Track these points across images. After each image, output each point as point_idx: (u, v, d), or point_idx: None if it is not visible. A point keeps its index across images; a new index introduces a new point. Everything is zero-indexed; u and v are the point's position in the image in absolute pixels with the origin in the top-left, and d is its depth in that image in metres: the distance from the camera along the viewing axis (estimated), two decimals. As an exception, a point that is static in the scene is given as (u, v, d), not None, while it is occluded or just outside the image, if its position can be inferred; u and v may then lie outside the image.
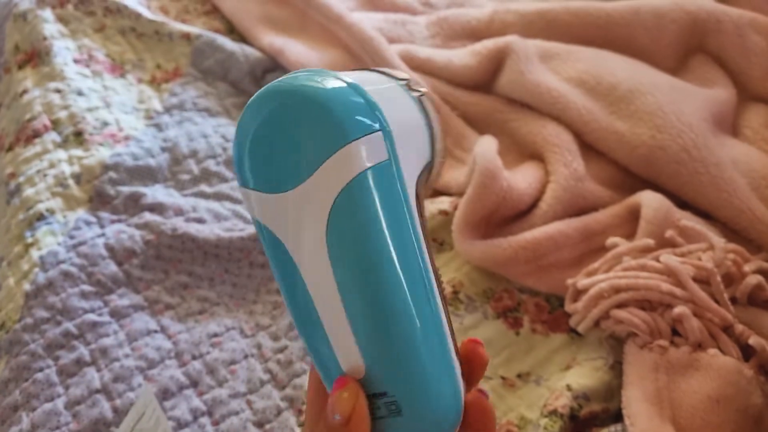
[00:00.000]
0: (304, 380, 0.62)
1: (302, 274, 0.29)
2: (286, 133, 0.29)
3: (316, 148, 0.28)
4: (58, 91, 0.89)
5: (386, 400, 0.29)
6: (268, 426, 0.59)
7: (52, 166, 0.81)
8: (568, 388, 0.55)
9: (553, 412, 0.53)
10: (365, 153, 0.28)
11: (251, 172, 0.29)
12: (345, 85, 0.29)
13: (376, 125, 0.28)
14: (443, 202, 0.71)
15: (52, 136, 0.85)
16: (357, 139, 0.28)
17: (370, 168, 0.28)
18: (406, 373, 0.29)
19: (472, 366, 0.32)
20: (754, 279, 0.56)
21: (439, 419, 0.29)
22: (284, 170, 0.29)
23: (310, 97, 0.28)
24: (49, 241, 0.73)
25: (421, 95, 0.32)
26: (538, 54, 0.78)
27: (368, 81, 0.31)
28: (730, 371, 0.50)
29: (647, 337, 0.53)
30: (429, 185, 0.33)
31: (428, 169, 0.32)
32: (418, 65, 0.83)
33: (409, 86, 0.32)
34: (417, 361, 0.29)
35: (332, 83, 0.29)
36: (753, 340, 0.52)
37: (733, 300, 0.56)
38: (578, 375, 0.56)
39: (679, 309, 0.53)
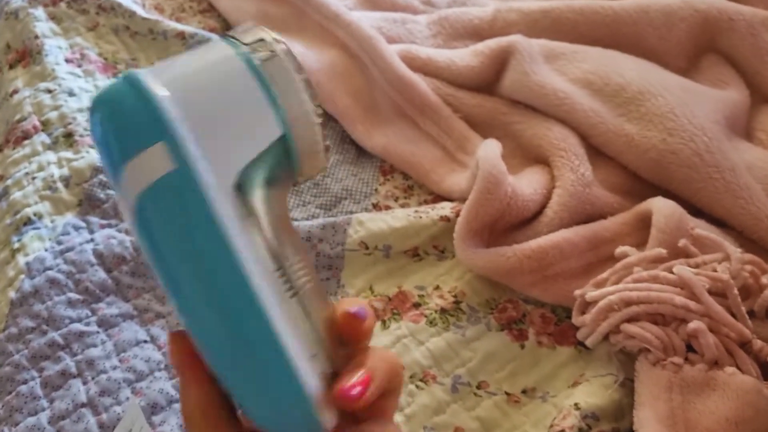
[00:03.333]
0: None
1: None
2: (99, 145, 0.27)
3: (111, 165, 0.27)
4: (49, 91, 0.87)
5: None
6: (261, 442, 0.57)
7: (40, 168, 0.79)
8: (576, 407, 0.52)
9: (561, 433, 0.50)
10: (144, 168, 0.26)
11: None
12: (127, 85, 0.26)
13: (155, 136, 0.25)
14: (444, 208, 0.69)
15: (42, 138, 0.82)
16: (131, 158, 0.26)
17: (151, 184, 0.26)
18: (223, 370, 0.28)
19: (352, 340, 0.31)
20: (772, 291, 0.53)
21: (273, 421, 0.28)
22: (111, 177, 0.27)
23: (98, 109, 0.27)
24: (36, 246, 0.71)
25: (267, 59, 0.27)
26: (542, 54, 0.76)
27: (186, 64, 0.28)
28: (749, 391, 0.48)
29: (660, 353, 0.51)
30: (309, 161, 0.29)
31: (286, 145, 0.28)
32: (419, 66, 0.80)
33: (254, 50, 0.28)
34: (228, 360, 0.27)
35: (123, 87, 0.26)
36: (772, 357, 0.50)
37: (751, 314, 0.53)
38: (587, 393, 0.53)
39: (695, 324, 0.50)
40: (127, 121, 0.26)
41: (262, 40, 0.28)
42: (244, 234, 0.26)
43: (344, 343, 0.30)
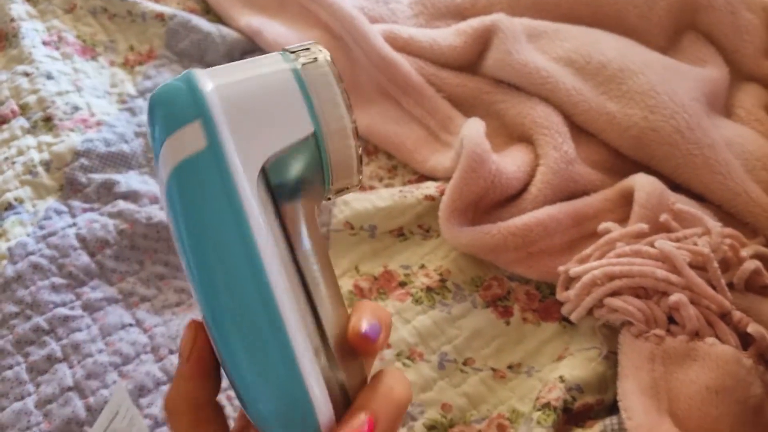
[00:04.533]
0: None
1: None
2: (149, 127, 0.30)
3: (155, 143, 0.30)
4: (27, 74, 0.86)
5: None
6: (249, 422, 0.57)
7: (20, 153, 0.78)
8: (561, 379, 0.53)
9: (546, 405, 0.51)
10: (179, 145, 0.28)
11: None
12: (180, 79, 0.29)
13: (193, 116, 0.28)
14: (429, 187, 0.69)
15: (21, 122, 0.81)
16: (171, 135, 0.28)
17: (184, 159, 0.28)
18: (229, 355, 0.28)
19: (362, 354, 0.30)
20: (751, 264, 0.54)
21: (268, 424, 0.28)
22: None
23: (152, 97, 0.30)
24: (18, 231, 0.70)
25: (307, 62, 0.30)
26: (525, 33, 0.75)
27: (236, 66, 0.30)
28: (729, 361, 0.49)
29: (643, 326, 0.52)
30: (341, 169, 0.30)
31: (318, 147, 0.29)
32: (401, 45, 0.80)
33: (297, 55, 0.30)
34: (235, 343, 0.28)
35: (176, 80, 0.29)
36: (752, 328, 0.50)
37: (730, 286, 0.54)
38: (571, 366, 0.54)
39: (676, 296, 0.51)
40: (172, 103, 0.28)
41: (307, 48, 0.30)
42: (262, 217, 0.28)
43: (354, 354, 0.30)
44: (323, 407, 0.28)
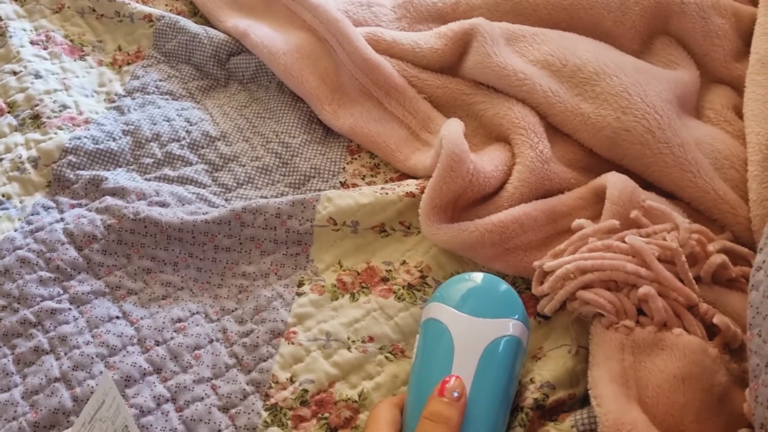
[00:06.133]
0: (270, 364, 0.61)
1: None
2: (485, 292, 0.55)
3: (499, 308, 0.54)
4: (15, 73, 0.87)
5: None
6: (233, 410, 0.58)
7: (8, 150, 0.79)
8: (532, 381, 0.55)
9: (517, 408, 0.53)
10: (518, 329, 0.53)
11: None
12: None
13: (525, 320, 0.54)
14: (410, 185, 0.71)
15: (8, 120, 0.82)
16: (521, 321, 0.54)
17: (517, 336, 0.52)
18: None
19: None
20: (718, 258, 0.56)
21: None
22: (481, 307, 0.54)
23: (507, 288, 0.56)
24: (5, 226, 0.71)
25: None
26: (503, 36, 0.77)
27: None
28: (695, 350, 0.51)
29: (613, 317, 0.54)
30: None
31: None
32: (384, 48, 0.82)
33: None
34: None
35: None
36: (717, 319, 0.52)
37: (697, 279, 0.56)
38: (543, 367, 0.56)
39: (645, 289, 0.53)
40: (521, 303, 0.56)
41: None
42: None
43: None
44: None
